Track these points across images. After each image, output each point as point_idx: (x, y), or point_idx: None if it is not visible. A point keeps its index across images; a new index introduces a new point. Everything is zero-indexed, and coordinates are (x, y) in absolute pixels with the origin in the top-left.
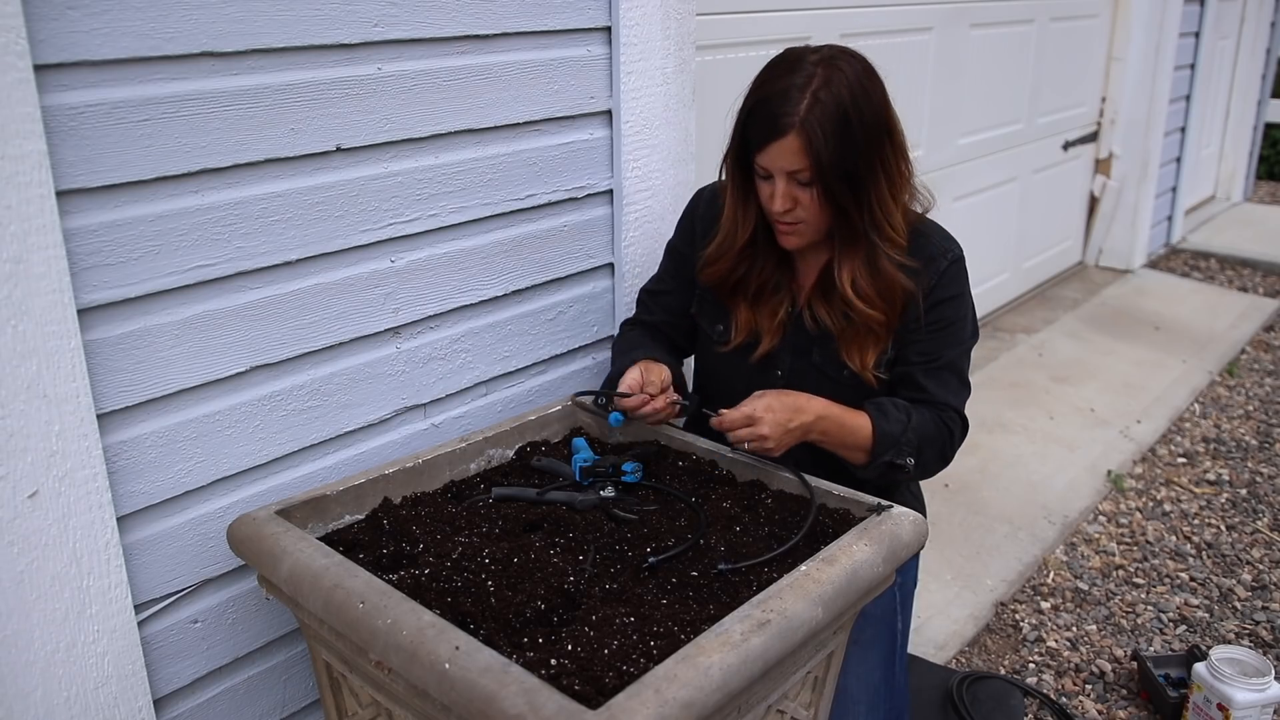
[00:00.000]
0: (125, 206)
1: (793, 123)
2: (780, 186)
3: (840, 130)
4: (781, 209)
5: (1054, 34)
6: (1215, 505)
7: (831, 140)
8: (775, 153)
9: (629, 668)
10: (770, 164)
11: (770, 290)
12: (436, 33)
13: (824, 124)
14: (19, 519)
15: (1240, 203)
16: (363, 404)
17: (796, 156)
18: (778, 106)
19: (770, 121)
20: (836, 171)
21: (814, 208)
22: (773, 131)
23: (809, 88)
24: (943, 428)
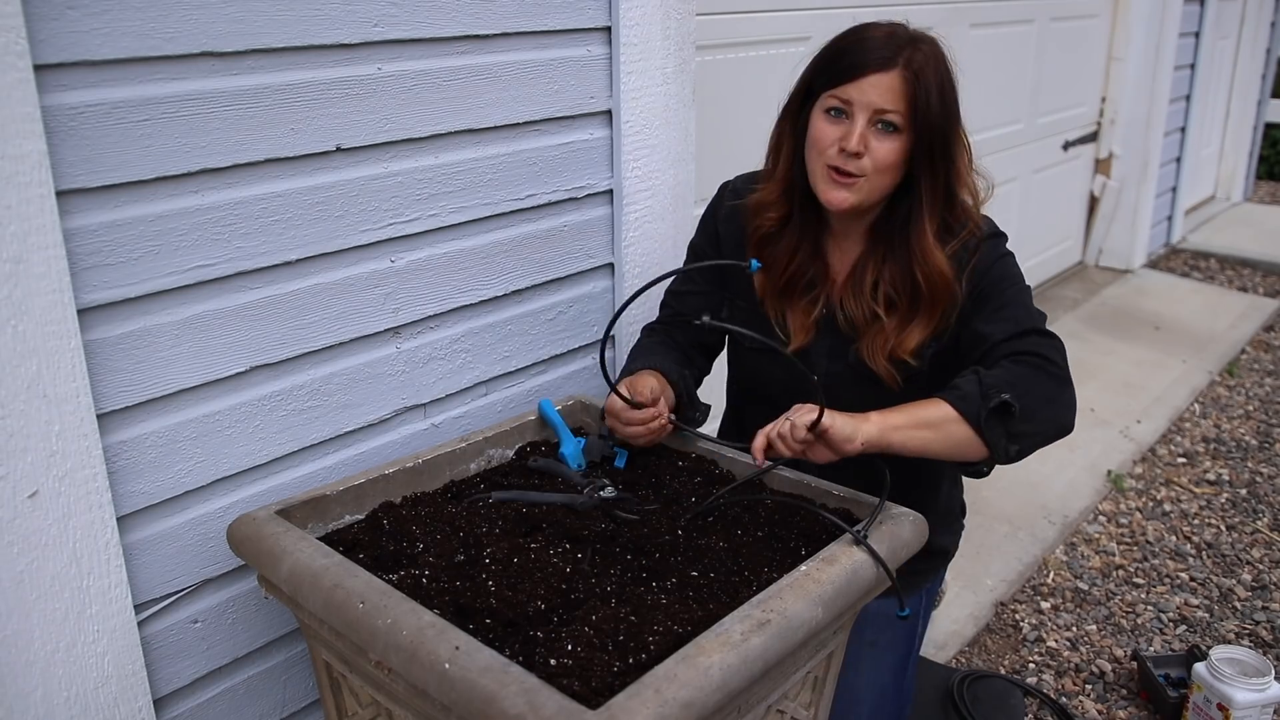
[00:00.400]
0: (125, 206)
1: (899, 60)
2: (859, 125)
3: (940, 87)
4: (856, 147)
5: (1054, 34)
6: (1215, 505)
7: (934, 92)
8: (871, 84)
9: (629, 668)
10: (860, 96)
11: (804, 286)
12: (436, 33)
13: (926, 73)
14: (19, 519)
15: (1240, 203)
16: (363, 404)
17: (893, 96)
18: (879, 45)
19: (873, 53)
20: (933, 125)
21: (885, 161)
22: (875, 63)
23: (912, 43)
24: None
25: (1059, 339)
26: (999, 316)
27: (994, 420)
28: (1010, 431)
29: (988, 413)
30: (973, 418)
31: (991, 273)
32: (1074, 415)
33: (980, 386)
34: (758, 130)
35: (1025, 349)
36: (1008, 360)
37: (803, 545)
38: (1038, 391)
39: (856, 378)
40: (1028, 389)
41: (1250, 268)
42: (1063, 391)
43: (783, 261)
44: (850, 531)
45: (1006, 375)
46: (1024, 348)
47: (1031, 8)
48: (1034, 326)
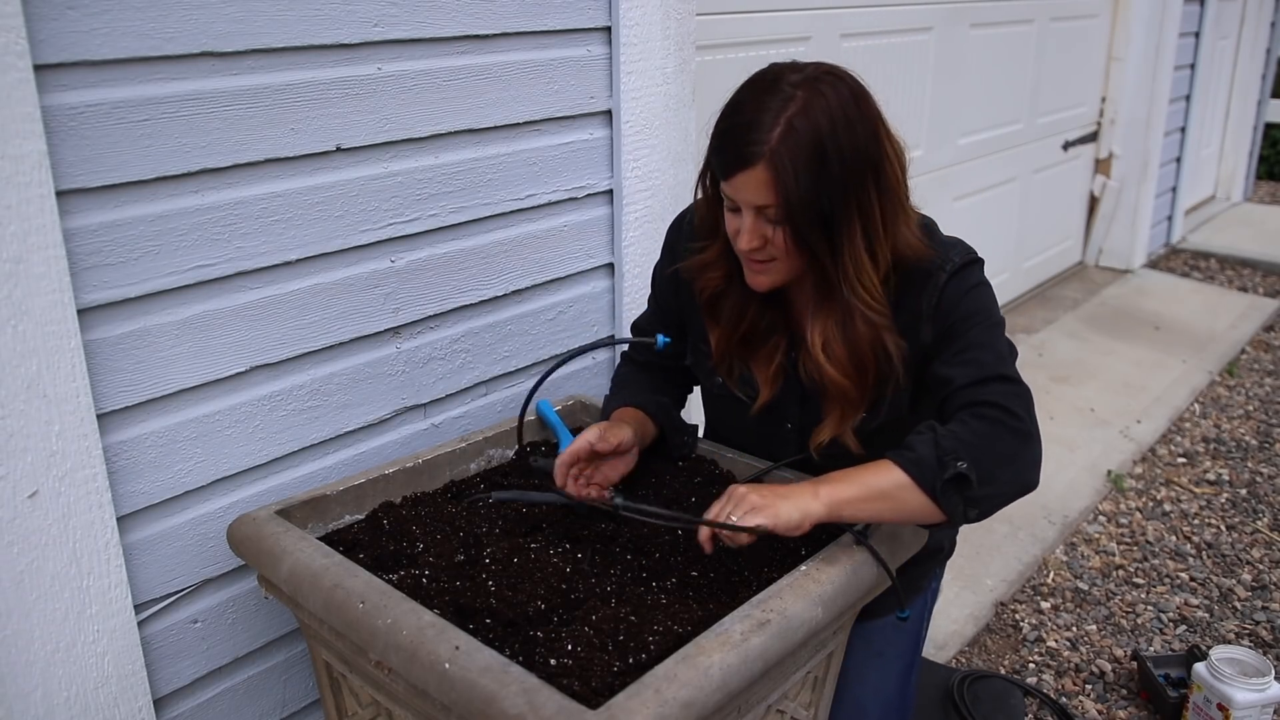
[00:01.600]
0: (125, 206)
1: (761, 152)
2: (748, 221)
3: (815, 165)
4: (748, 246)
5: (1054, 34)
6: (1215, 505)
7: (804, 176)
8: (741, 183)
9: (629, 668)
10: (737, 195)
11: (762, 334)
12: (436, 33)
13: (796, 156)
14: (19, 519)
15: (1240, 203)
16: (363, 404)
17: (764, 190)
18: (747, 133)
19: (738, 149)
20: (808, 212)
21: (784, 247)
22: (740, 160)
23: (784, 113)
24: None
25: (1024, 386)
26: (962, 359)
27: (950, 489)
28: (968, 498)
29: (943, 483)
30: (928, 486)
31: (959, 308)
32: (1038, 472)
33: (936, 451)
34: None
35: (987, 398)
36: (967, 413)
37: (803, 545)
38: (997, 451)
39: None
40: (986, 449)
41: (1250, 268)
42: (1025, 449)
43: (735, 318)
44: (851, 531)
45: (965, 434)
46: (985, 397)
47: (1031, 8)
48: (999, 373)
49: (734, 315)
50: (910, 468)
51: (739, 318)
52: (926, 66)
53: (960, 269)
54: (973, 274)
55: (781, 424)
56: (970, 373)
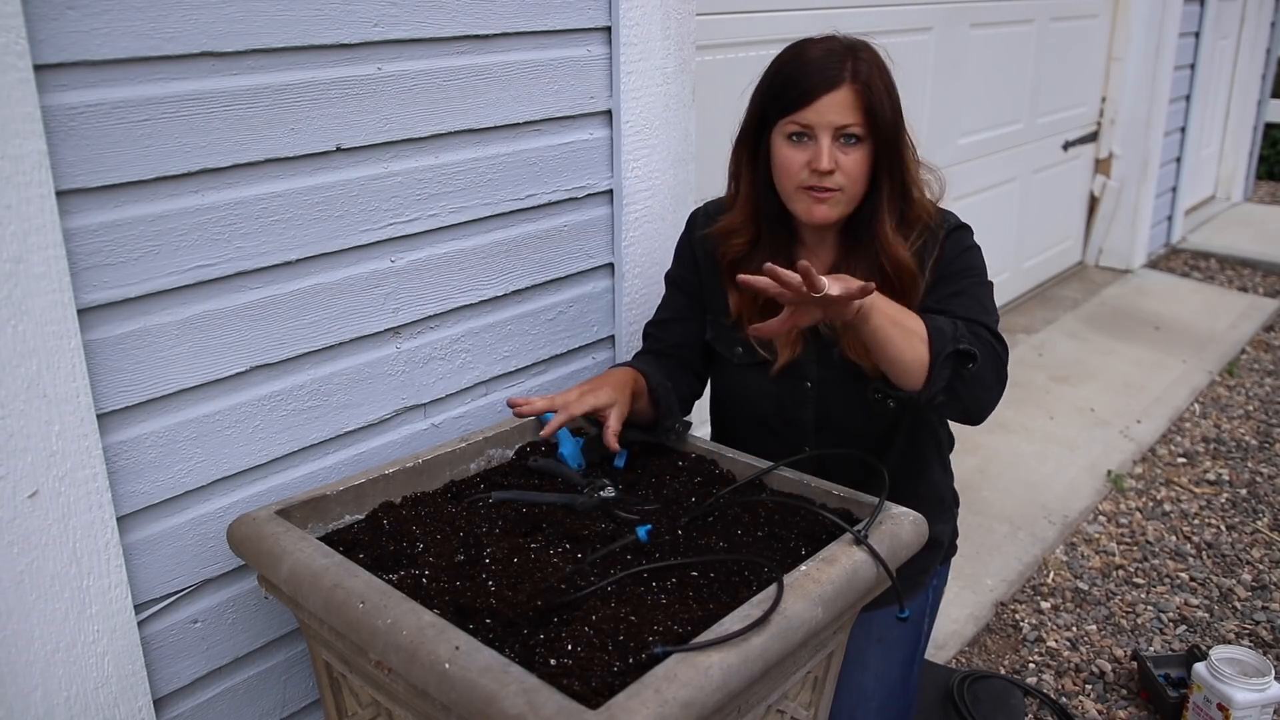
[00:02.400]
0: (125, 206)
1: (845, 76)
2: (825, 144)
3: (887, 90)
4: (829, 165)
5: (1054, 34)
6: (1215, 505)
7: (883, 96)
8: (826, 105)
9: (629, 668)
10: (819, 119)
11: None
12: (436, 33)
13: (874, 80)
14: (19, 519)
15: (1240, 203)
16: (363, 404)
17: (849, 110)
18: (823, 65)
19: (820, 75)
20: (887, 128)
21: (855, 170)
22: (824, 84)
23: (850, 50)
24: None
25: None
26: (960, 300)
27: (947, 365)
28: (950, 384)
29: (948, 354)
30: (935, 350)
31: (955, 263)
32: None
33: (954, 330)
34: None
35: (982, 335)
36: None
37: (803, 545)
38: (986, 372)
39: (844, 377)
40: (983, 364)
41: (1250, 268)
42: (998, 386)
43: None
44: (851, 531)
45: (973, 332)
46: (982, 333)
47: (1031, 8)
48: (991, 325)
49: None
50: (930, 326)
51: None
52: (926, 66)
53: (957, 228)
54: (968, 235)
55: (801, 383)
56: (971, 311)
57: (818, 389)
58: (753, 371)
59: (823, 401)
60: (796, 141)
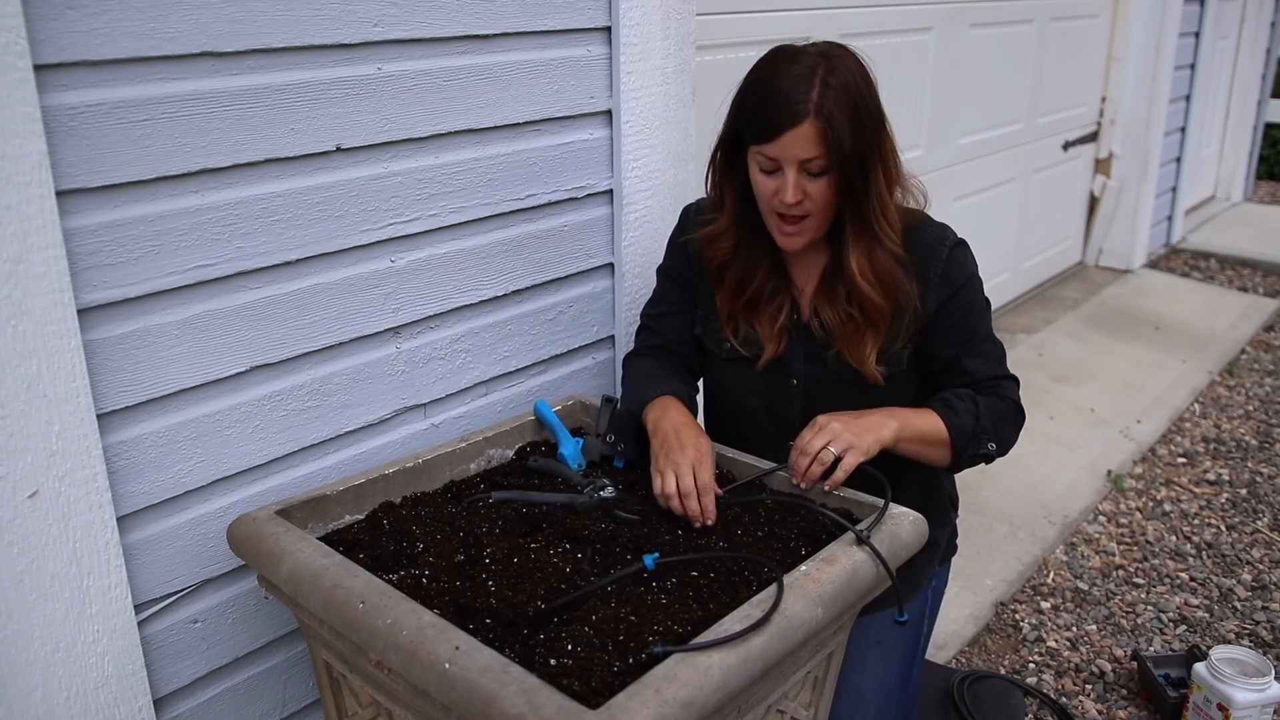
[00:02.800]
0: (125, 206)
1: (807, 109)
2: (791, 177)
3: (852, 115)
4: (794, 199)
5: (1054, 34)
6: (1215, 505)
7: (846, 126)
8: (789, 141)
9: (629, 668)
10: (782, 153)
11: (767, 297)
12: (436, 33)
13: (838, 109)
14: (19, 519)
15: (1240, 203)
16: (363, 404)
17: (812, 144)
18: (789, 94)
19: (783, 108)
20: (852, 158)
21: (823, 200)
22: (787, 119)
23: (815, 75)
24: (1006, 400)
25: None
26: (979, 351)
27: (971, 459)
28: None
29: (970, 454)
30: (958, 450)
31: (962, 294)
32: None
33: (976, 425)
34: None
35: (1004, 393)
36: (993, 395)
37: (803, 545)
38: (1005, 434)
39: (836, 380)
40: (1003, 431)
41: (1250, 268)
42: (1016, 437)
43: (741, 283)
44: (853, 530)
45: (993, 413)
46: (1003, 392)
47: (1031, 8)
48: (1007, 372)
49: (739, 280)
50: (954, 432)
51: (744, 282)
52: (926, 66)
53: (958, 245)
54: (969, 257)
55: (788, 380)
56: (990, 367)
57: (804, 386)
58: (740, 367)
59: (809, 399)
60: (767, 172)
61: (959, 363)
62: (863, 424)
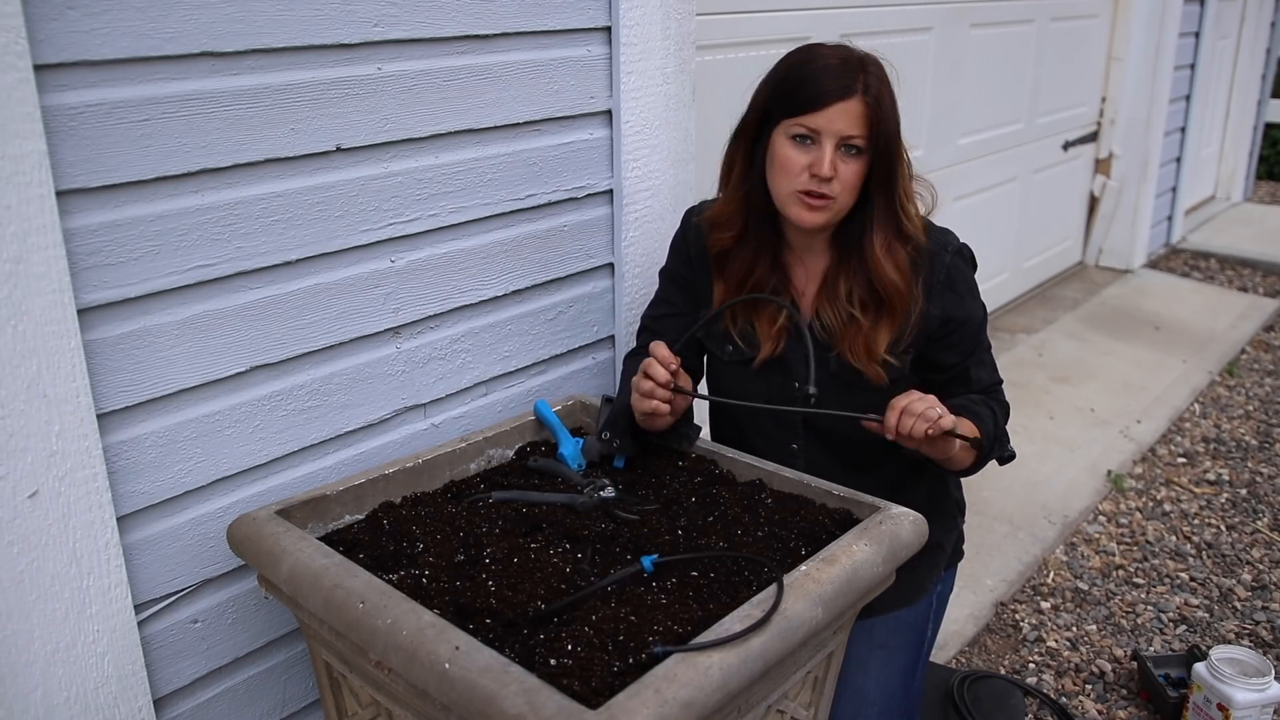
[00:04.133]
0: (125, 206)
1: (858, 87)
2: (829, 151)
3: (892, 105)
4: (830, 173)
5: (1054, 34)
6: (1215, 505)
7: (888, 112)
8: (836, 113)
9: (629, 668)
10: (826, 125)
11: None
12: (436, 33)
13: (882, 95)
14: (19, 519)
15: (1240, 203)
16: (363, 404)
17: (857, 122)
18: (839, 73)
19: (835, 82)
20: (890, 145)
21: (853, 181)
22: (839, 92)
23: (860, 65)
24: (1003, 405)
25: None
26: (982, 361)
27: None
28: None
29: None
30: (984, 453)
31: (966, 305)
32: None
33: (996, 430)
34: None
35: (1001, 399)
36: (995, 403)
37: (803, 545)
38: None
39: (838, 384)
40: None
41: (1250, 268)
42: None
43: (742, 275)
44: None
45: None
46: (1001, 397)
47: (1031, 8)
48: (1001, 379)
49: (740, 270)
50: (984, 436)
51: (745, 274)
52: (926, 66)
53: (959, 251)
54: (969, 266)
55: (789, 383)
56: (992, 375)
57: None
58: (742, 369)
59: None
60: (800, 143)
61: (967, 373)
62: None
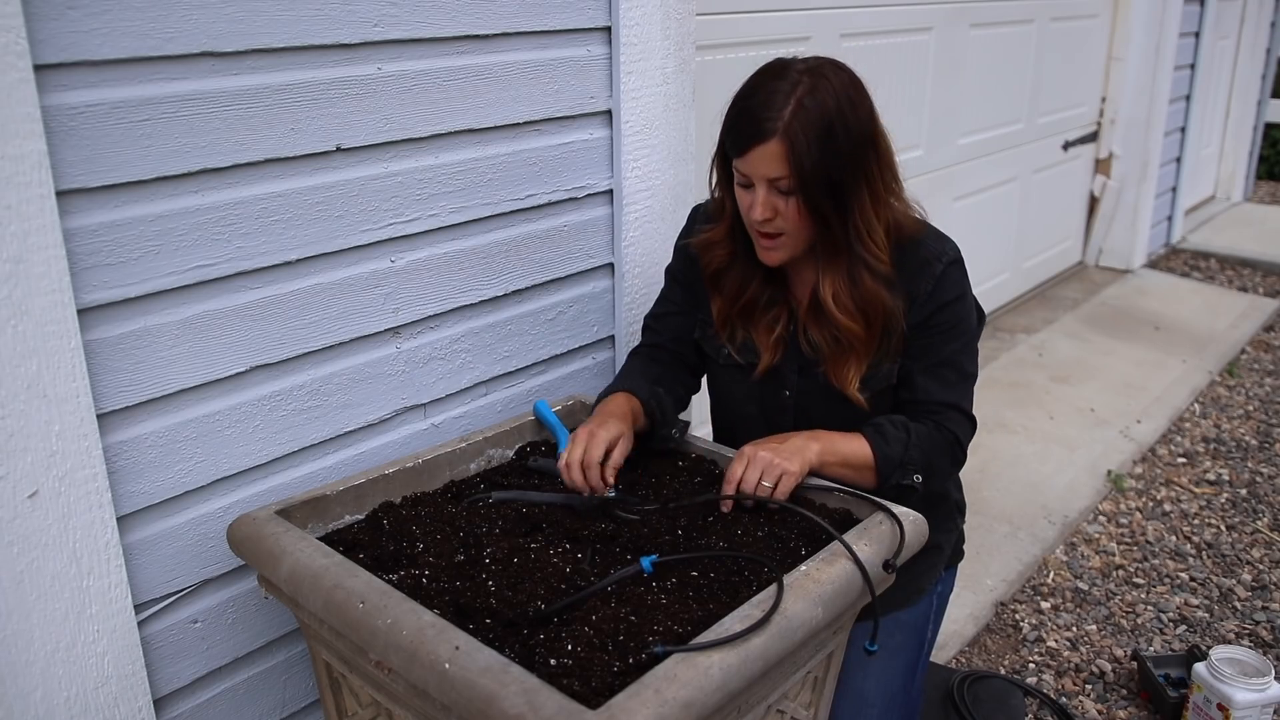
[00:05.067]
0: (125, 206)
1: (775, 127)
2: (761, 194)
3: (824, 138)
4: (761, 217)
5: (1054, 34)
6: (1215, 505)
7: (815, 147)
8: (756, 158)
9: (629, 668)
10: (751, 170)
11: (763, 306)
12: (436, 33)
13: (807, 130)
14: (19, 519)
15: (1240, 203)
16: (363, 404)
17: (778, 163)
18: (761, 111)
19: (753, 125)
20: (819, 180)
21: (795, 218)
22: (755, 135)
23: (794, 94)
24: (945, 432)
25: (973, 419)
26: (937, 373)
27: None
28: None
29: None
30: (883, 477)
31: (944, 313)
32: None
33: (904, 455)
34: None
35: (948, 424)
36: (931, 424)
37: (803, 545)
38: (938, 466)
39: (827, 395)
40: (935, 464)
41: (1250, 268)
42: (953, 472)
43: (737, 291)
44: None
45: (926, 444)
46: (948, 423)
47: (1031, 8)
48: (960, 405)
49: (735, 288)
50: (881, 461)
51: (740, 290)
52: (926, 66)
53: (954, 263)
54: (962, 278)
55: (780, 391)
56: (941, 392)
57: (796, 398)
58: (736, 374)
59: (801, 410)
60: (745, 186)
61: (911, 377)
62: (789, 448)
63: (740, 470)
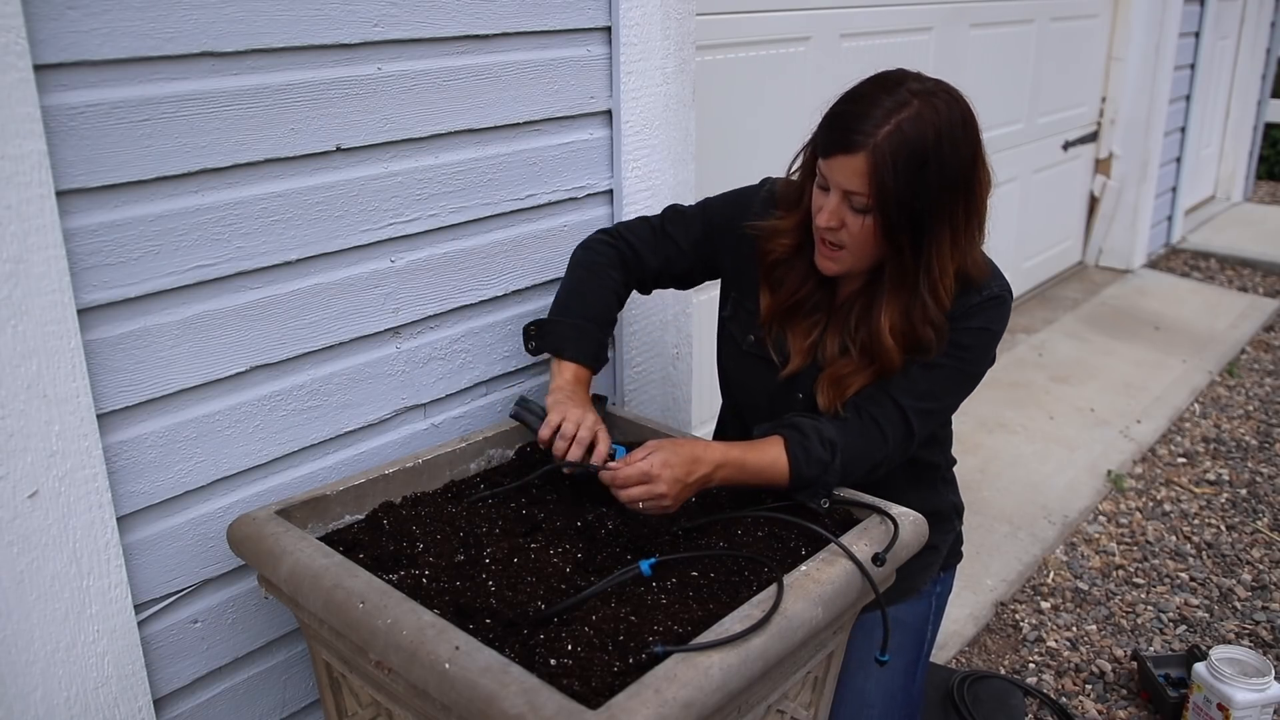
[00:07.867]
0: (125, 206)
1: (865, 143)
2: (833, 202)
3: (914, 168)
4: (825, 224)
5: (1054, 34)
6: (1215, 505)
7: (901, 175)
8: (838, 166)
9: (629, 668)
10: (830, 175)
11: (807, 310)
12: (436, 33)
13: (898, 155)
14: (19, 519)
15: (1240, 203)
16: (363, 404)
17: (858, 178)
18: (856, 121)
19: (844, 133)
20: (897, 208)
21: (861, 236)
22: (842, 144)
23: (897, 114)
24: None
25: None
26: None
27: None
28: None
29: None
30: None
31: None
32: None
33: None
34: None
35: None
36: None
37: (803, 545)
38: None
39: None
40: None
41: (1250, 268)
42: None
43: (793, 287)
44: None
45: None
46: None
47: (1031, 8)
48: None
49: (790, 285)
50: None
51: (794, 288)
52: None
53: (994, 298)
54: (997, 315)
55: (794, 394)
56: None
57: (808, 403)
58: (757, 363)
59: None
60: (822, 187)
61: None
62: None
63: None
